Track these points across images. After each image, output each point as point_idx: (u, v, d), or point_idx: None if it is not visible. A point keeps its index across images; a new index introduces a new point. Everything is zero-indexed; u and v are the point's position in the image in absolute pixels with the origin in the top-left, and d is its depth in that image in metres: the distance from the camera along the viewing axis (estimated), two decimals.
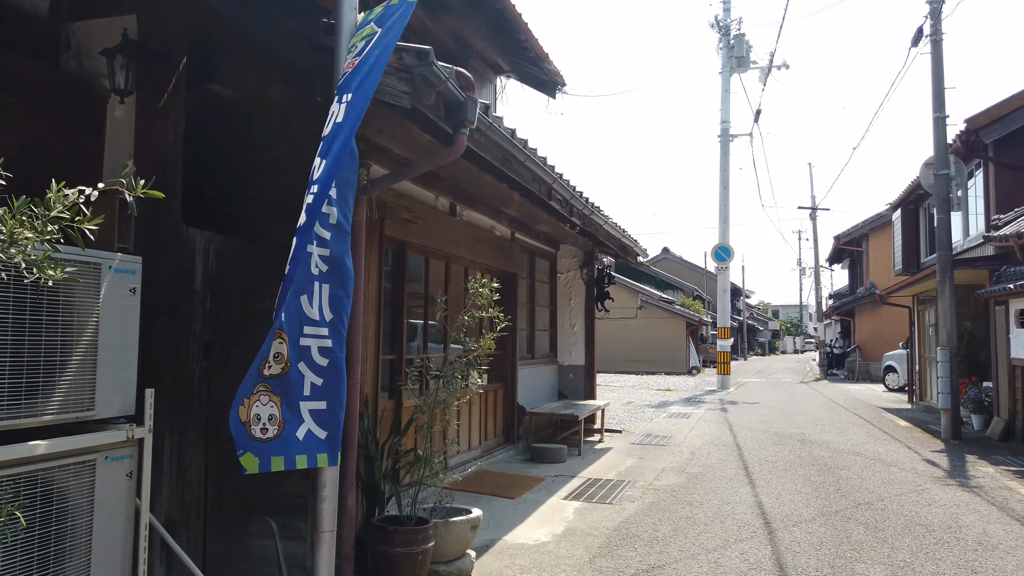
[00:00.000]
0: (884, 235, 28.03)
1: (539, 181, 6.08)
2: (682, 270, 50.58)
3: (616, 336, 31.60)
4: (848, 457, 9.16)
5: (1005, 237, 9.07)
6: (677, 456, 9.29)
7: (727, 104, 22.86)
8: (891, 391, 21.81)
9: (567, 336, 11.53)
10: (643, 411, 14.89)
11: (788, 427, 12.32)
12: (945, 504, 6.54)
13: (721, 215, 23.02)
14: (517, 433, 9.30)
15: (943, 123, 11.41)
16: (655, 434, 11.39)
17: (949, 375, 11.16)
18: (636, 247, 10.96)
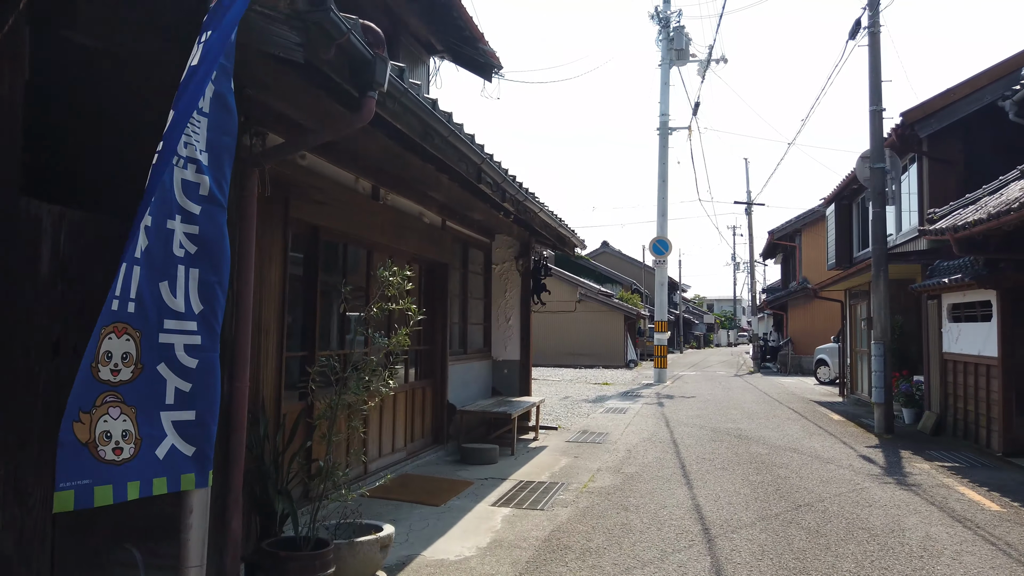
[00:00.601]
0: (816, 230, 28.52)
1: (466, 161, 5.57)
2: (621, 264, 50.88)
3: (555, 330, 31.39)
4: (785, 454, 8.97)
5: (941, 231, 9.01)
6: (613, 455, 8.94)
7: (666, 97, 22.77)
8: (822, 384, 22.15)
9: (502, 330, 11.07)
10: (580, 406, 14.57)
11: (725, 422, 12.16)
12: (886, 505, 6.33)
13: (659, 209, 22.94)
14: (447, 433, 8.80)
15: (879, 116, 11.38)
16: (591, 431, 11.05)
17: (883, 369, 11.15)
18: (574, 238, 10.57)
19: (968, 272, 9.26)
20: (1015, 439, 8.74)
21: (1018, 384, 8.78)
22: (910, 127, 11.58)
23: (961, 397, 10.23)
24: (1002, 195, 8.38)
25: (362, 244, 6.83)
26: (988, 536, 5.36)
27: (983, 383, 9.47)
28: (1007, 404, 8.81)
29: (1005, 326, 8.88)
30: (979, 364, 9.60)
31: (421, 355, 8.56)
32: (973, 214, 8.51)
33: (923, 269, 11.75)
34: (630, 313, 32.69)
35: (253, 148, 3.63)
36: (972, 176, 11.12)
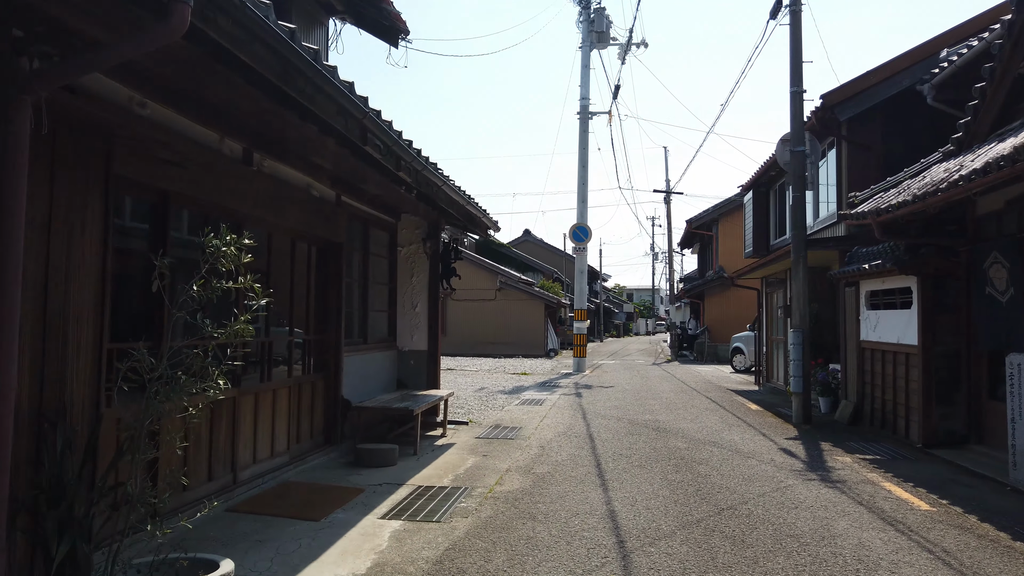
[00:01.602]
0: (733, 220, 28.76)
1: (346, 116, 4.70)
2: (543, 252, 50.56)
3: (474, 318, 30.69)
4: (705, 448, 8.50)
5: (863, 214, 8.70)
6: (525, 452, 8.26)
7: (587, 80, 22.28)
8: (738, 372, 22.22)
9: (408, 318, 10.22)
10: (495, 398, 13.87)
11: (643, 413, 11.69)
12: (812, 506, 5.85)
13: (579, 195, 22.46)
14: (341, 432, 7.91)
15: (800, 98, 11.06)
16: (504, 425, 10.35)
17: (801, 358, 10.88)
18: (485, 218, 9.81)
19: (889, 258, 9.00)
20: (934, 430, 8.53)
21: (938, 373, 8.57)
22: (830, 110, 11.33)
23: (879, 386, 10.03)
24: (925, 177, 8.10)
25: (231, 217, 5.85)
26: (924, 542, 4.91)
27: (902, 372, 9.25)
28: (927, 394, 8.58)
29: (926, 313, 8.64)
30: (898, 352, 9.38)
31: (311, 346, 7.63)
32: (896, 197, 8.20)
33: (841, 256, 11.55)
34: (551, 301, 32.27)
35: (23, 69, 2.68)
36: (891, 161, 10.94)
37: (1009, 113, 7.55)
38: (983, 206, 8.09)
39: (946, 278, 8.62)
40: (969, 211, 8.33)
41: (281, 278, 7.02)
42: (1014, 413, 6.60)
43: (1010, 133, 7.00)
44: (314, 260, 7.69)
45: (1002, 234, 7.70)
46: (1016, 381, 6.55)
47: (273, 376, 6.64)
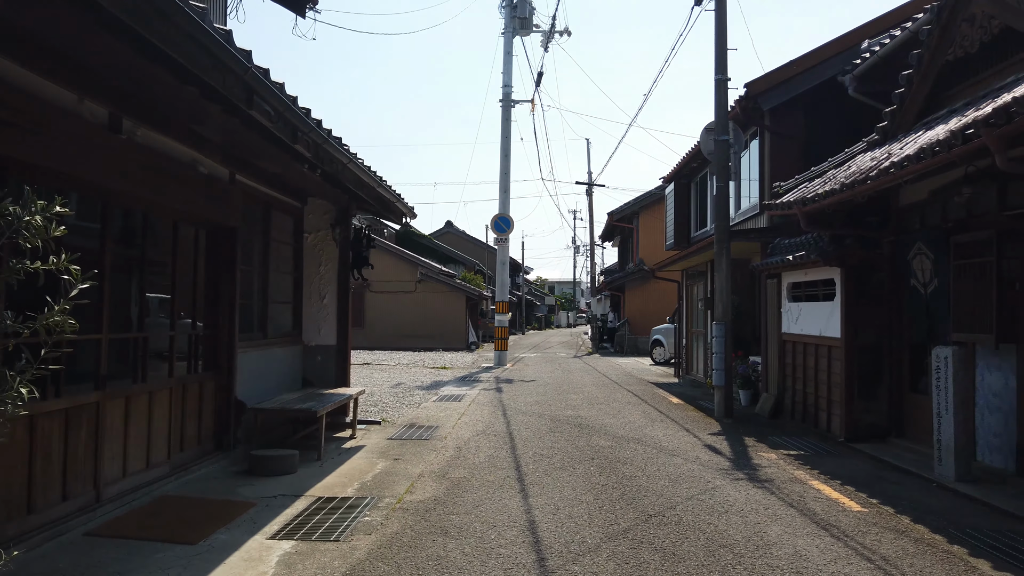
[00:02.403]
0: (653, 213, 28.90)
1: (225, 73, 4.00)
2: (465, 244, 49.99)
3: (393, 311, 29.84)
4: (629, 446, 8.13)
5: (788, 204, 8.51)
6: (441, 454, 7.68)
7: (509, 67, 21.77)
8: (658, 364, 22.26)
9: (315, 310, 9.46)
10: (412, 394, 13.22)
11: (564, 409, 11.29)
12: (742, 509, 5.51)
13: (501, 185, 21.96)
14: (234, 437, 7.13)
15: (724, 86, 10.85)
16: (420, 424, 9.74)
17: (724, 351, 10.70)
18: (399, 203, 9.14)
19: (813, 249, 8.85)
20: (856, 423, 8.43)
21: (860, 366, 8.47)
22: (753, 99, 11.17)
23: (800, 379, 9.93)
24: (851, 167, 7.95)
25: (95, 193, 5.03)
26: (861, 548, 4.61)
27: (824, 365, 9.15)
28: (849, 387, 8.47)
29: (849, 305, 8.52)
30: (820, 345, 9.27)
31: (200, 341, 6.83)
32: (822, 186, 8.01)
33: (763, 248, 11.44)
34: (472, 294, 31.72)
35: None
36: (814, 152, 10.87)
37: (936, 101, 7.45)
38: (906, 197, 8.00)
39: (869, 270, 8.53)
40: (892, 202, 8.24)
41: (160, 265, 6.20)
42: (940, 408, 6.46)
43: (938, 121, 6.87)
44: (203, 245, 6.88)
45: (926, 225, 7.61)
46: (943, 375, 6.42)
47: (149, 377, 5.83)
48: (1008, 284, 6.19)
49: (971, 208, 6.74)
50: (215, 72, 3.92)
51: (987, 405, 6.57)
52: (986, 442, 6.57)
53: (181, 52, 3.62)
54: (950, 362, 6.34)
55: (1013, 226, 6.17)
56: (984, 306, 6.32)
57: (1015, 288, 6.17)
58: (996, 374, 6.47)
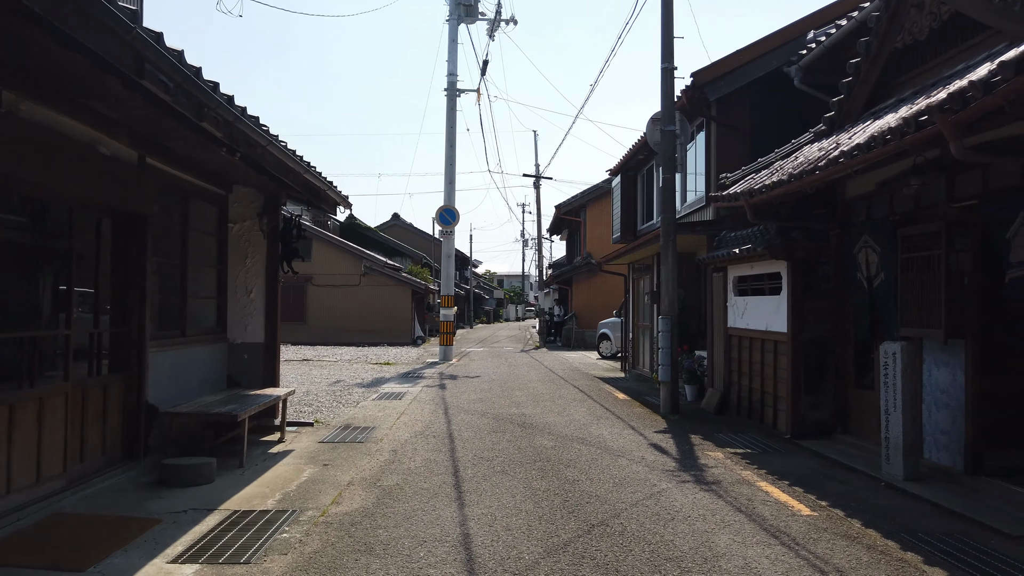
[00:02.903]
0: (601, 206, 28.78)
1: (106, 35, 3.46)
2: (412, 237, 49.27)
3: (336, 305, 29.10)
4: (572, 446, 7.81)
5: (735, 196, 8.30)
6: (375, 458, 7.23)
7: (455, 55, 21.24)
8: (604, 358, 22.12)
9: (241, 305, 8.86)
10: (351, 392, 12.69)
11: (508, 406, 10.94)
12: (689, 516, 5.22)
13: (447, 176, 21.46)
14: (145, 445, 6.54)
15: (671, 75, 10.60)
16: (356, 425, 9.25)
17: (670, 346, 10.48)
18: (332, 192, 8.61)
19: (760, 242, 8.66)
20: (802, 420, 8.28)
21: (807, 361, 8.31)
22: (700, 89, 10.97)
23: (746, 374, 9.78)
24: (799, 157, 7.76)
25: None
26: (813, 559, 4.35)
27: (770, 360, 8.99)
28: (796, 383, 8.31)
29: (795, 299, 8.36)
30: (766, 340, 9.11)
31: (104, 340, 6.23)
32: (769, 177, 7.81)
33: (709, 241, 11.27)
34: (419, 287, 31.13)
35: None
36: (760, 144, 10.72)
37: (884, 90, 7.29)
38: (853, 189, 7.86)
39: (816, 263, 8.38)
40: (839, 194, 8.09)
41: (55, 256, 5.59)
42: (888, 405, 6.30)
43: (886, 110, 6.70)
44: (108, 235, 6.26)
45: (872, 218, 7.47)
46: (891, 371, 6.26)
47: (41, 380, 5.23)
48: (957, 278, 6.05)
49: (919, 200, 6.60)
50: (91, 33, 3.39)
51: (934, 401, 6.44)
52: (933, 439, 6.44)
53: (47, 8, 3.09)
54: (899, 358, 6.18)
55: (962, 218, 6.03)
56: (932, 300, 6.17)
57: (964, 282, 6.03)
58: (943, 370, 6.34)
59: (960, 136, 4.52)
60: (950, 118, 4.49)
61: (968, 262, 6.02)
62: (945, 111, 4.54)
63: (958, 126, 4.49)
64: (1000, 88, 4.05)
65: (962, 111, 4.39)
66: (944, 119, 4.52)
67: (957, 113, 4.44)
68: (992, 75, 4.17)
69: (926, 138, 4.85)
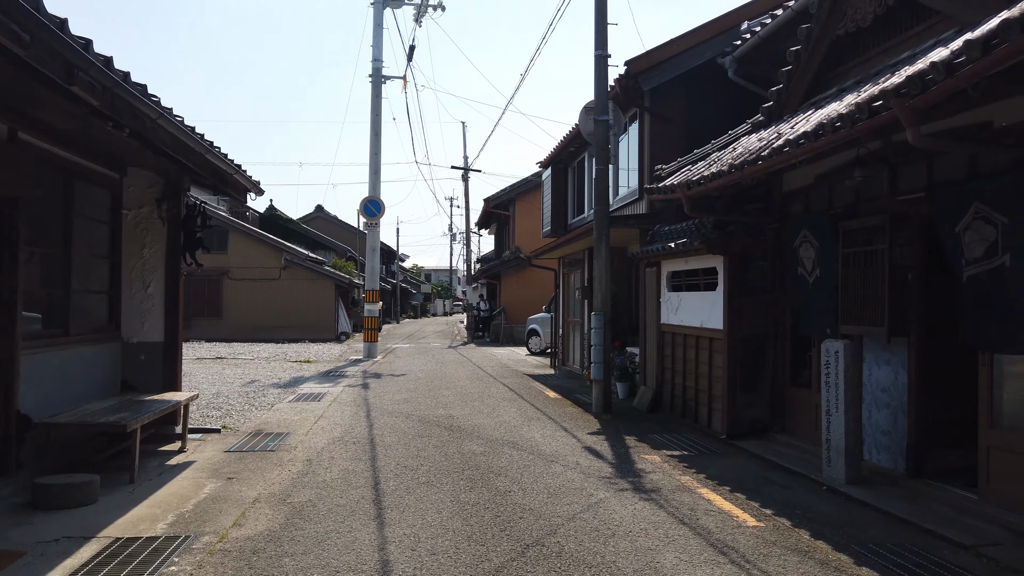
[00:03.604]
0: (530, 199, 28.46)
1: None
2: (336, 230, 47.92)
3: (255, 300, 27.84)
4: (504, 451, 7.34)
5: (671, 188, 7.99)
6: (287, 469, 6.58)
7: (380, 40, 20.43)
8: (534, 354, 21.79)
9: (138, 301, 8.01)
10: (266, 393, 11.88)
11: (435, 407, 10.39)
12: (631, 531, 4.82)
13: (372, 166, 20.66)
14: (17, 460, 5.70)
15: (605, 62, 10.24)
16: (269, 431, 8.53)
17: (603, 343, 10.14)
18: (240, 176, 7.85)
19: (696, 236, 8.39)
20: (738, 419, 8.05)
21: (744, 359, 8.09)
22: (634, 79, 10.65)
23: (680, 372, 9.52)
24: (737, 148, 7.49)
25: None
26: None
27: (705, 357, 8.74)
28: (732, 381, 8.07)
29: (732, 295, 8.11)
30: (701, 337, 8.86)
31: None
32: (707, 168, 7.51)
33: (642, 235, 10.99)
34: (342, 281, 30.10)
35: None
36: (694, 137, 10.49)
37: (824, 80, 7.08)
38: (791, 182, 7.65)
39: (752, 258, 8.16)
40: (776, 188, 7.88)
41: None
42: (830, 406, 6.07)
43: (828, 100, 6.47)
44: None
45: (810, 211, 7.27)
46: (833, 371, 6.02)
47: None
48: (900, 273, 5.86)
49: (861, 193, 6.40)
50: None
51: (875, 401, 6.26)
52: (873, 440, 6.26)
53: None
54: (841, 357, 5.95)
55: (906, 211, 5.84)
56: (875, 296, 5.96)
57: (908, 277, 5.84)
58: (885, 368, 6.15)
59: (918, 122, 4.25)
60: (908, 103, 4.21)
61: (912, 257, 5.83)
62: (902, 95, 4.26)
63: (916, 111, 4.21)
64: (965, 69, 3.77)
65: (921, 95, 4.10)
66: (901, 104, 4.24)
67: (916, 97, 4.15)
68: (956, 55, 3.89)
69: (880, 125, 4.57)
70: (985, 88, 3.84)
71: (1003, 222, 4.63)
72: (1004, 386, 4.94)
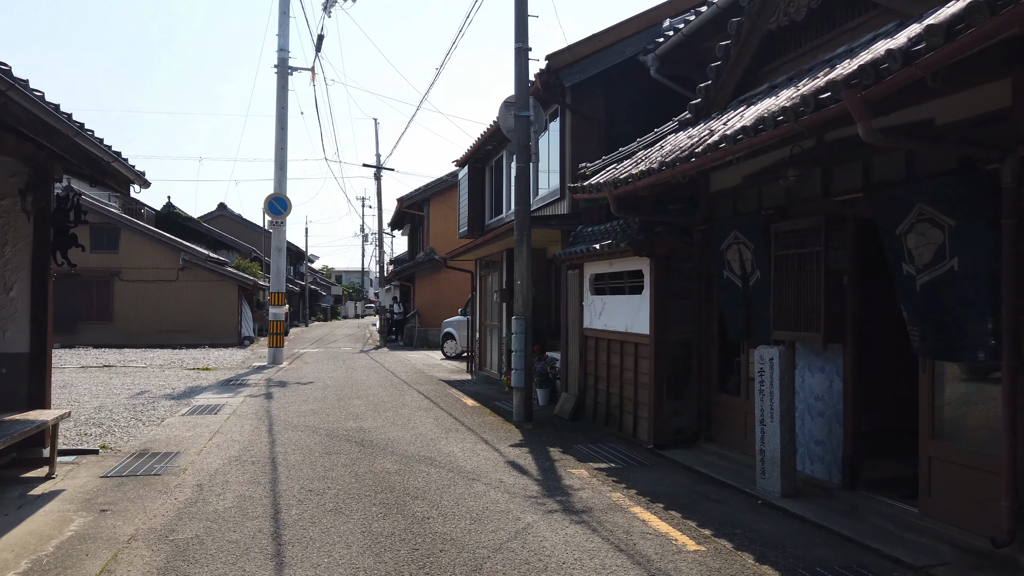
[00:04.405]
0: (445, 200, 27.86)
1: None
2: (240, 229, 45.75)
3: (150, 303, 26.09)
4: (421, 470, 6.77)
5: (597, 187, 7.62)
6: (173, 497, 5.79)
7: (286, 29, 19.36)
8: (449, 359, 21.21)
9: None
10: (156, 406, 10.83)
11: (346, 419, 9.68)
12: (565, 562, 4.35)
13: (277, 160, 19.55)
14: None
15: (525, 55, 9.80)
16: (156, 450, 7.65)
17: (524, 349, 9.69)
18: (118, 164, 6.94)
19: (622, 237, 8.05)
20: (665, 428, 7.75)
21: (671, 365, 7.80)
22: (555, 74, 10.26)
23: (604, 378, 9.18)
24: (666, 146, 7.18)
25: None
26: None
27: (630, 363, 8.42)
28: (658, 388, 7.77)
29: (659, 299, 7.81)
30: (626, 342, 8.54)
31: None
32: (634, 167, 7.18)
33: (563, 236, 10.62)
34: (246, 283, 28.59)
35: None
36: (616, 136, 10.21)
37: (754, 77, 6.85)
38: (719, 182, 7.42)
39: (679, 261, 7.89)
40: (703, 188, 7.63)
41: None
42: (764, 415, 5.81)
43: (760, 97, 6.22)
44: None
45: (740, 213, 7.03)
46: (768, 379, 5.76)
47: None
48: (835, 277, 5.65)
49: (794, 194, 6.18)
50: None
51: (808, 410, 6.05)
52: (807, 450, 6.04)
53: None
54: (776, 364, 5.69)
55: (841, 213, 5.63)
56: (810, 301, 5.73)
57: (843, 282, 5.63)
58: (819, 376, 5.94)
59: (870, 116, 3.96)
60: (859, 94, 3.92)
61: (847, 260, 5.63)
62: (853, 86, 3.97)
63: (868, 103, 3.92)
64: (925, 58, 3.49)
65: (875, 85, 3.81)
66: (852, 96, 3.95)
67: (869, 88, 3.86)
68: (914, 43, 3.61)
69: (827, 118, 4.28)
70: (945, 78, 3.57)
71: (949, 224, 4.42)
72: (946, 393, 4.76)
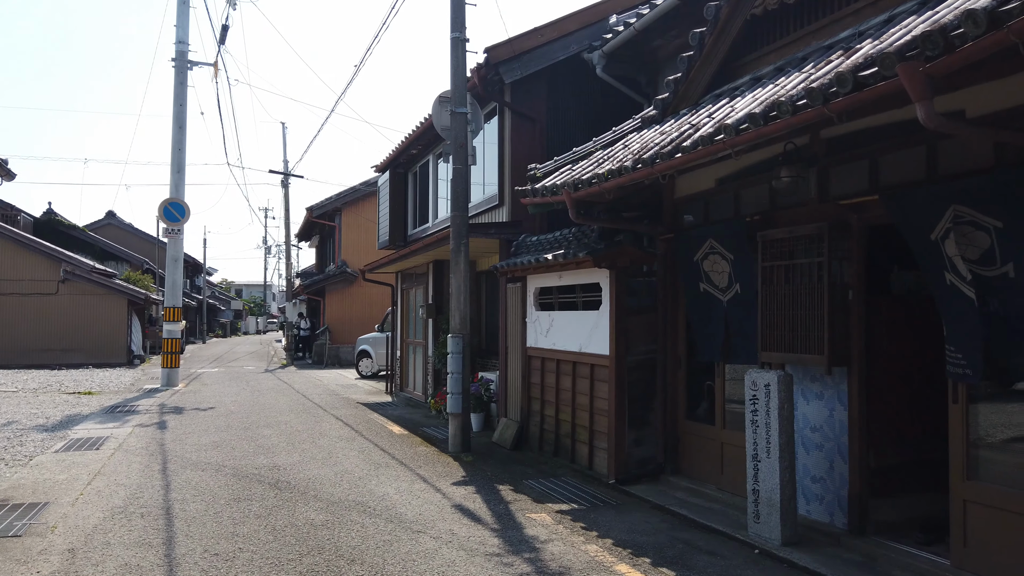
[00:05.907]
0: (360, 209, 26.53)
1: None
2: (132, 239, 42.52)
3: (25, 318, 23.51)
4: (353, 520, 5.66)
5: (553, 189, 6.77)
6: (35, 571, 4.49)
7: (185, 20, 17.71)
8: (365, 378, 19.89)
9: None
10: (25, 440, 9.19)
11: (255, 454, 8.39)
12: None
13: (175, 163, 17.82)
14: None
15: (463, 46, 8.89)
16: (18, 500, 6.22)
17: (461, 371, 8.70)
18: None
19: (580, 246, 7.23)
20: (627, 460, 6.94)
21: (632, 390, 7.00)
22: (494, 68, 9.39)
23: (552, 403, 8.31)
24: (630, 145, 6.41)
25: None
26: None
27: (585, 387, 7.59)
28: (620, 415, 6.96)
29: (620, 315, 7.02)
30: (579, 363, 7.71)
31: None
32: (597, 167, 6.37)
33: (503, 246, 9.71)
34: (138, 298, 26.22)
35: None
36: (559, 138, 9.44)
37: (729, 69, 6.18)
38: (684, 187, 6.71)
39: (641, 273, 7.13)
40: (667, 193, 6.92)
41: None
42: (759, 450, 5.06)
43: (744, 89, 5.54)
44: None
45: (714, 219, 6.33)
46: (763, 408, 5.03)
47: None
48: (840, 291, 4.98)
49: (781, 198, 5.51)
50: None
51: (803, 442, 5.35)
52: (802, 488, 5.33)
53: None
54: (775, 391, 4.96)
55: (843, 218, 4.98)
56: (811, 319, 5.04)
57: (848, 297, 4.97)
58: (816, 403, 5.26)
59: (931, 95, 3.26)
60: (921, 68, 3.21)
61: (852, 273, 4.98)
62: (908, 58, 3.26)
63: (931, 79, 3.22)
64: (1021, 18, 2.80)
65: (946, 56, 3.11)
66: (911, 70, 3.23)
67: (935, 61, 3.16)
68: (1000, 2, 2.92)
69: (870, 99, 3.57)
70: None
71: (996, 226, 3.80)
72: (982, 427, 4.13)
